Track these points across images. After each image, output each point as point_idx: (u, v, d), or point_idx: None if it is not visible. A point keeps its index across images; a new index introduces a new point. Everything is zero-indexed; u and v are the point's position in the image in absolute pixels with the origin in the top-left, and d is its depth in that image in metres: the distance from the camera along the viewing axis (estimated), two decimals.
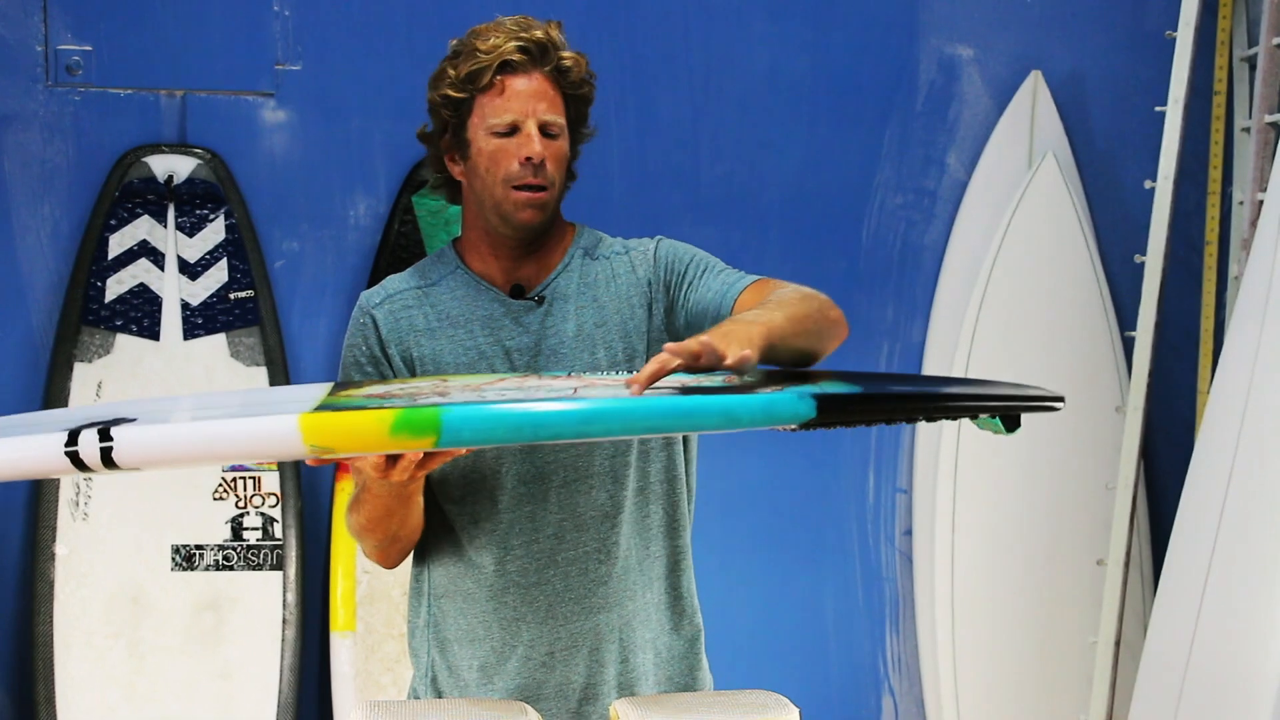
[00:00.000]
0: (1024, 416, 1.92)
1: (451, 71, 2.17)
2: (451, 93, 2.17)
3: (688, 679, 2.29)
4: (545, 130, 2.17)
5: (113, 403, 1.96)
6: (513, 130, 2.16)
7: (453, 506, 2.21)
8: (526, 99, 2.16)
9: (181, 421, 1.84)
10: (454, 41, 2.21)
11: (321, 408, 1.85)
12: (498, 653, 2.22)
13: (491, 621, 2.22)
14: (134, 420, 1.81)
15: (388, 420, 1.77)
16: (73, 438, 1.75)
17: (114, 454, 1.75)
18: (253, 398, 2.20)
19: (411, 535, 2.21)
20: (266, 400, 2.08)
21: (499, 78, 2.15)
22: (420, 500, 2.16)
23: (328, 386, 2.07)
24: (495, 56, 2.15)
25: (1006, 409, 1.88)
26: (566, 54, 2.19)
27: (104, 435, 1.76)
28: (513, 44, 2.15)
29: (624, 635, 2.23)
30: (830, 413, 1.80)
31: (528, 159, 2.15)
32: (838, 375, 1.96)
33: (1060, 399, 1.93)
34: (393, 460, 1.92)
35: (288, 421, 1.76)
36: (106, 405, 1.97)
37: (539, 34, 2.17)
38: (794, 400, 1.79)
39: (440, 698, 2.27)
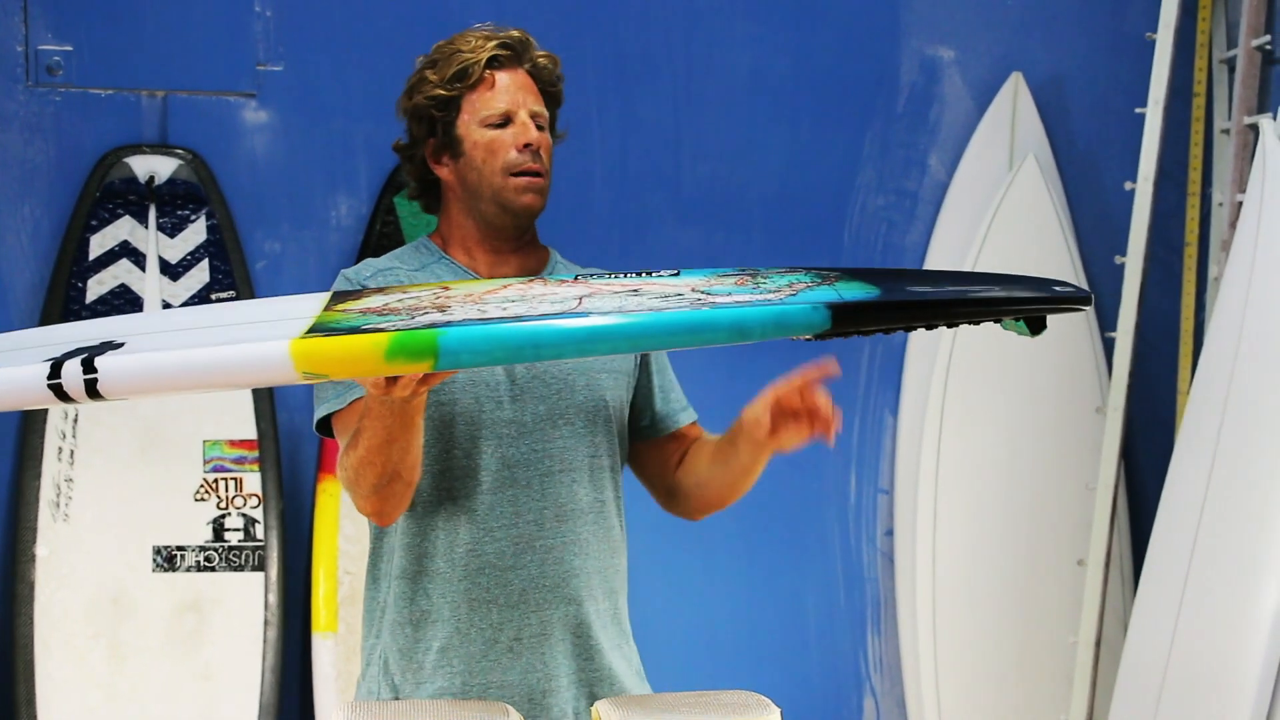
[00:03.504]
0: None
1: (433, 75, 2.22)
2: (441, 92, 2.21)
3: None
4: (534, 121, 2.23)
5: (99, 321, 1.89)
6: (506, 121, 2.21)
7: (427, 484, 2.19)
8: (516, 91, 2.22)
9: (171, 348, 1.77)
10: (421, 59, 2.26)
11: (315, 329, 1.78)
12: (462, 634, 2.19)
13: (460, 602, 2.19)
14: (121, 346, 1.74)
15: (382, 345, 1.72)
16: (55, 369, 1.70)
17: (99, 385, 1.70)
18: (246, 314, 2.03)
19: (410, 475, 2.10)
20: (259, 317, 1.96)
21: (487, 72, 2.21)
22: (421, 426, 2.07)
23: (324, 298, 1.97)
24: (482, 54, 2.21)
25: (1029, 312, 1.82)
26: (541, 53, 2.27)
27: (88, 366, 1.70)
28: (494, 43, 2.22)
29: (587, 634, 2.23)
30: (846, 323, 1.76)
31: (526, 145, 2.20)
32: (854, 273, 1.89)
33: (1087, 298, 1.86)
34: (393, 377, 1.86)
35: (279, 348, 1.70)
36: (92, 326, 1.89)
37: (516, 33, 2.25)
38: (807, 311, 1.75)
39: (393, 685, 2.22)
